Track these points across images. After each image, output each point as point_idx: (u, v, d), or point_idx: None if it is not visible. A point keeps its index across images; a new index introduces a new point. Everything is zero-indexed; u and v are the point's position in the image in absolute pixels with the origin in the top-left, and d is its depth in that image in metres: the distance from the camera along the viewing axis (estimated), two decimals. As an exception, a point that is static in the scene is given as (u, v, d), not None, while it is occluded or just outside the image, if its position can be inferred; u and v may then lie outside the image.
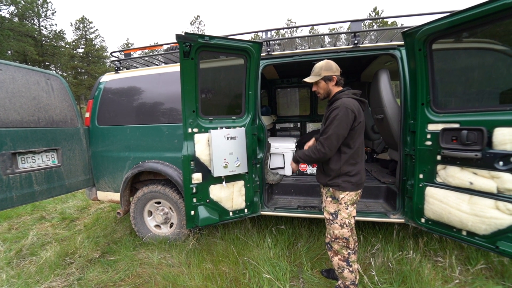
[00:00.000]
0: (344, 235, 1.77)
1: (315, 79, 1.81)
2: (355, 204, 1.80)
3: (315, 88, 1.86)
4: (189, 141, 2.14)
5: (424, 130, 1.97)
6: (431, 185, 1.98)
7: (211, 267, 2.30)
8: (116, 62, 3.06)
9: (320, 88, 1.83)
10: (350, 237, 1.78)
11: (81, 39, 30.75)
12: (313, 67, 1.84)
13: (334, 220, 1.79)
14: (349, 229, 1.77)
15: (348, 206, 1.76)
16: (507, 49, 1.71)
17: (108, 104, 2.91)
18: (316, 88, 1.85)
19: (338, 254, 1.82)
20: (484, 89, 1.93)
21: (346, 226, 1.77)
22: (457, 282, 2.00)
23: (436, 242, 2.45)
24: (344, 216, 1.76)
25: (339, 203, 1.77)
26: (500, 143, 1.64)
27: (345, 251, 1.80)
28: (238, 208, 2.34)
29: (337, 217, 1.78)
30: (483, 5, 1.58)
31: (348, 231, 1.77)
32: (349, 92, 1.76)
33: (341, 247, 1.80)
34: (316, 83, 1.83)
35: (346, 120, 1.63)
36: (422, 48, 1.91)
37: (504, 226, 1.63)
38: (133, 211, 2.85)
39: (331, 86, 1.80)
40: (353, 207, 1.78)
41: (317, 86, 1.84)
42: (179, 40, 1.95)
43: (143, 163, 2.71)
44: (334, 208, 1.79)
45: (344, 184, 1.74)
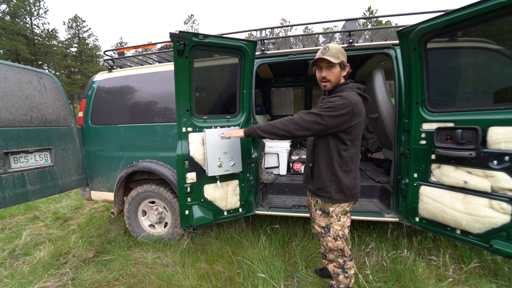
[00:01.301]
0: (339, 246, 1.62)
1: (335, 60, 1.44)
2: (349, 213, 1.61)
3: (326, 73, 1.50)
4: (183, 140, 2.13)
5: (419, 129, 1.97)
6: (425, 184, 1.98)
7: (206, 266, 2.29)
8: (110, 61, 3.03)
9: (333, 75, 1.50)
10: (345, 247, 1.64)
11: (74, 38, 30.49)
12: (326, 47, 1.48)
13: (327, 233, 1.62)
14: (344, 240, 1.62)
15: (341, 218, 1.57)
16: (501, 48, 1.71)
17: (101, 103, 2.88)
18: (327, 74, 1.50)
19: (333, 262, 1.72)
20: (478, 88, 1.93)
21: (340, 238, 1.60)
22: (450, 280, 2.00)
23: (430, 241, 2.46)
24: (337, 228, 1.58)
25: (330, 217, 1.58)
26: (494, 142, 1.65)
27: (340, 259, 1.68)
28: (232, 207, 2.33)
29: (329, 231, 1.61)
30: (478, 4, 1.58)
31: (342, 243, 1.62)
32: (354, 86, 1.52)
33: (336, 257, 1.68)
34: (331, 67, 1.49)
35: (343, 115, 1.38)
36: (416, 47, 1.90)
37: (498, 225, 1.64)
38: (127, 211, 2.82)
39: (341, 76, 1.53)
40: (346, 216, 1.59)
41: (329, 72, 1.49)
42: (173, 39, 1.93)
43: (137, 163, 2.69)
44: (325, 222, 1.62)
45: (336, 196, 1.52)
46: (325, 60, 1.48)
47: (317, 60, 1.50)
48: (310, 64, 1.58)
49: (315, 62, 1.52)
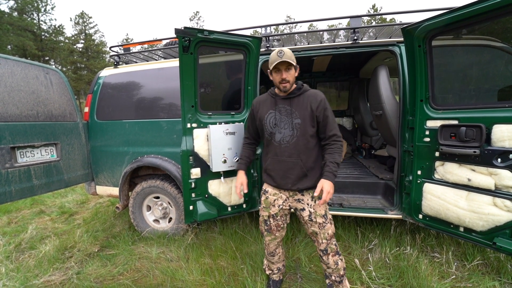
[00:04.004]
0: (333, 229, 1.68)
1: (294, 63, 1.55)
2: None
3: (286, 75, 1.56)
4: (188, 136, 2.14)
5: (423, 127, 1.97)
6: (429, 182, 1.98)
7: (210, 261, 2.32)
8: (115, 57, 3.05)
9: (291, 76, 1.58)
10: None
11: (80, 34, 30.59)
12: (282, 51, 1.54)
13: (326, 221, 1.64)
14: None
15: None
16: (505, 46, 1.71)
17: (107, 98, 2.91)
18: (286, 75, 1.56)
19: (332, 251, 1.68)
20: (483, 86, 1.93)
21: (331, 219, 1.69)
22: (453, 277, 2.01)
23: (433, 238, 2.46)
24: (328, 211, 1.69)
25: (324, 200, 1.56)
26: (498, 140, 1.65)
27: (335, 244, 1.71)
28: (236, 203, 2.35)
29: (327, 217, 1.66)
30: (482, 1, 1.57)
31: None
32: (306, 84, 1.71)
33: (334, 243, 1.68)
34: (289, 69, 1.57)
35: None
36: (421, 45, 1.90)
37: (502, 223, 1.65)
38: (132, 206, 2.86)
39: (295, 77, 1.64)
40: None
41: (288, 73, 1.57)
42: (178, 35, 1.94)
43: (142, 158, 2.72)
44: (324, 209, 1.65)
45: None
46: (286, 63, 1.55)
47: (278, 63, 1.55)
48: (270, 68, 1.61)
49: (275, 65, 1.57)
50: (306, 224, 1.69)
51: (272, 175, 1.68)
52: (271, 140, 1.65)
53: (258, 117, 1.71)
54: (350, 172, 3.15)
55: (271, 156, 1.66)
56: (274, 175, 1.66)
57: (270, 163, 1.67)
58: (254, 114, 1.76)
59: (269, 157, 1.68)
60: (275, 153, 1.64)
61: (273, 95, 1.70)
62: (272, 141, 1.64)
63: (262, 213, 1.79)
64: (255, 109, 1.75)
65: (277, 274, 1.96)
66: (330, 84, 5.01)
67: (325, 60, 3.79)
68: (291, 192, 1.68)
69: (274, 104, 1.66)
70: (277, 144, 1.62)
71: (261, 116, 1.69)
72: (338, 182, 2.83)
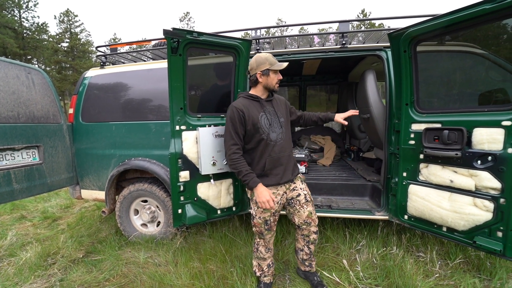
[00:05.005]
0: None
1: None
2: None
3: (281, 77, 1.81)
4: (176, 138, 2.12)
5: (408, 130, 2.03)
6: (414, 183, 2.04)
7: (199, 265, 2.29)
8: (102, 57, 2.98)
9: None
10: None
11: (65, 33, 29.65)
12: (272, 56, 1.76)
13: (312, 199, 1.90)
14: None
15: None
16: (485, 52, 1.79)
17: (93, 100, 2.83)
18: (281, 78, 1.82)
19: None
20: (464, 90, 2.01)
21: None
22: (437, 276, 2.07)
23: (418, 238, 2.53)
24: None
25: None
26: (478, 142, 1.71)
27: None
28: (226, 206, 2.33)
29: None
30: (464, 10, 1.64)
31: None
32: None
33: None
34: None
35: None
36: (407, 50, 1.96)
37: (481, 222, 1.71)
38: (118, 210, 2.79)
39: None
40: None
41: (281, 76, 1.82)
42: (167, 36, 1.92)
43: (129, 161, 2.66)
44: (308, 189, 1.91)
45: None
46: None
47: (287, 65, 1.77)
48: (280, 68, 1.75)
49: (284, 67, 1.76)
50: (302, 207, 1.80)
51: (274, 173, 1.73)
52: (266, 140, 1.69)
53: (250, 122, 1.68)
54: (339, 174, 3.19)
55: (268, 157, 1.70)
56: (277, 172, 1.73)
57: (269, 163, 1.70)
58: (244, 119, 1.68)
59: (265, 158, 1.70)
60: (273, 151, 1.71)
61: (256, 99, 1.77)
62: (268, 141, 1.70)
63: (262, 215, 1.77)
64: (245, 114, 1.68)
65: (268, 274, 1.96)
66: (320, 87, 5.08)
67: (314, 64, 3.84)
68: (287, 185, 1.80)
69: (262, 107, 1.75)
70: (273, 143, 1.71)
71: (254, 120, 1.69)
72: (327, 184, 2.86)
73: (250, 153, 1.75)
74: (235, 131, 1.69)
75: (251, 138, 1.71)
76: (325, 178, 3.05)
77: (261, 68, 1.71)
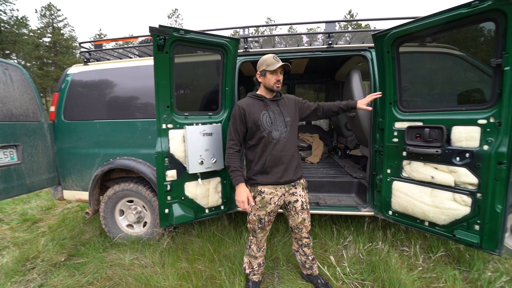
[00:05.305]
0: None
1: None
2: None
3: (280, 77, 1.77)
4: (163, 137, 2.08)
5: (392, 128, 2.09)
6: (397, 180, 2.10)
7: (187, 266, 2.26)
8: (86, 53, 2.88)
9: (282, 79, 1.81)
10: None
11: (47, 28, 28.36)
12: (276, 56, 1.76)
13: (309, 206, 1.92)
14: None
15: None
16: (463, 54, 1.87)
17: (76, 97, 2.73)
18: (280, 78, 1.77)
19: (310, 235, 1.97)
20: (444, 90, 2.09)
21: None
22: (420, 269, 2.14)
23: (402, 233, 2.61)
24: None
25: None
26: (457, 140, 1.79)
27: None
28: (214, 205, 2.32)
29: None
30: (442, 13, 1.71)
31: None
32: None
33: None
34: (281, 73, 1.78)
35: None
36: (390, 51, 2.01)
37: (460, 216, 1.79)
38: (103, 211, 2.71)
39: None
40: None
41: (281, 76, 1.78)
42: (152, 33, 1.89)
43: (114, 160, 2.59)
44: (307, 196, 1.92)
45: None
46: (282, 66, 1.73)
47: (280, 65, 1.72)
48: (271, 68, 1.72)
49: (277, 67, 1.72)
50: (297, 213, 1.83)
51: (274, 171, 1.74)
52: (268, 138, 1.72)
53: (251, 119, 1.73)
54: (327, 172, 3.24)
55: (268, 154, 1.72)
56: (277, 171, 1.74)
57: (269, 161, 1.72)
58: (245, 117, 1.74)
59: (266, 156, 1.73)
60: (274, 149, 1.73)
61: (260, 98, 1.80)
62: (270, 139, 1.72)
63: (257, 213, 1.78)
64: (246, 112, 1.74)
65: (257, 273, 1.96)
66: (308, 86, 5.14)
67: (302, 63, 3.88)
68: (287, 187, 1.80)
69: (265, 106, 1.78)
70: (275, 141, 1.73)
71: (255, 118, 1.73)
72: (315, 181, 2.90)
73: (253, 149, 1.79)
74: (235, 127, 1.78)
75: (253, 135, 1.76)
76: (313, 175, 3.09)
77: (259, 69, 1.78)
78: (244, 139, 1.83)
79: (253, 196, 1.79)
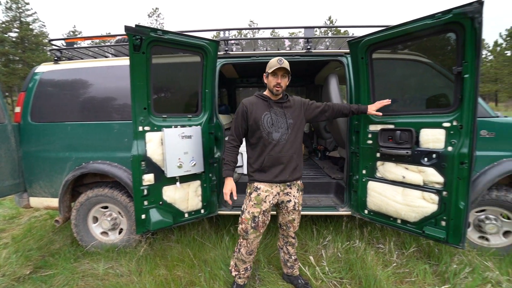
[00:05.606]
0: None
1: (288, 72, 1.77)
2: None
3: (281, 81, 1.74)
4: (139, 140, 2.01)
5: (366, 130, 2.19)
6: (372, 180, 2.20)
7: (165, 272, 2.19)
8: (57, 51, 2.72)
9: (284, 83, 1.78)
10: None
11: (14, 22, 26.34)
12: (281, 59, 1.72)
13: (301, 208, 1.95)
14: None
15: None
16: (430, 61, 2.01)
17: (44, 97, 2.57)
18: (281, 81, 1.75)
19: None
20: (413, 95, 2.23)
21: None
22: (394, 265, 2.24)
23: (378, 231, 2.72)
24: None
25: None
26: (425, 142, 1.91)
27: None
28: (194, 209, 2.28)
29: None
30: (410, 23, 1.83)
31: None
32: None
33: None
34: (284, 77, 1.77)
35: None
36: (364, 57, 2.11)
37: (429, 213, 1.90)
38: (75, 218, 2.55)
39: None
40: None
41: (283, 80, 1.76)
42: (128, 33, 1.83)
43: (87, 164, 2.46)
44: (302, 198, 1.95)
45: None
46: (283, 70, 1.73)
47: (277, 69, 1.72)
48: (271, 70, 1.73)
49: (274, 70, 1.73)
50: (288, 213, 1.89)
51: (270, 171, 1.78)
52: (267, 138, 1.76)
53: (252, 117, 1.77)
54: (307, 173, 3.31)
55: (267, 154, 1.76)
56: (274, 170, 1.78)
57: (268, 160, 1.76)
58: (247, 114, 1.79)
59: (265, 155, 1.77)
60: (273, 150, 1.76)
61: (265, 98, 1.83)
62: (269, 140, 1.76)
63: (252, 210, 1.78)
64: (249, 110, 1.78)
65: (243, 276, 1.94)
66: (289, 89, 5.23)
67: (283, 67, 3.94)
68: (282, 187, 1.83)
69: (268, 107, 1.80)
70: (275, 142, 1.76)
71: (257, 117, 1.76)
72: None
73: (254, 147, 1.84)
74: (236, 123, 1.85)
75: (253, 133, 1.80)
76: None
77: (266, 71, 1.82)
78: (246, 136, 1.88)
79: (249, 192, 1.82)
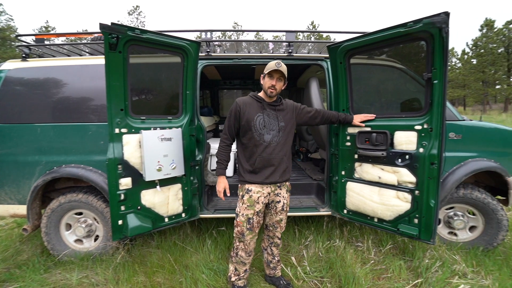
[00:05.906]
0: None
1: (285, 75, 1.77)
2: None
3: (276, 83, 1.76)
4: (115, 142, 1.94)
5: (345, 133, 2.26)
6: (351, 180, 2.27)
7: (144, 279, 2.12)
8: (25, 48, 2.55)
9: (279, 86, 1.79)
10: None
11: (-23, 14, 24.38)
12: (279, 62, 1.73)
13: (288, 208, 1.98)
14: None
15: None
16: (404, 67, 2.12)
17: (11, 97, 2.40)
18: (276, 83, 1.76)
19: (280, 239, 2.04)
20: (388, 99, 2.33)
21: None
22: (372, 262, 2.32)
23: (357, 229, 2.82)
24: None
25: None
26: (398, 143, 2.01)
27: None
28: (174, 213, 2.22)
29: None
30: (385, 30, 1.92)
31: None
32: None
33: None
34: (280, 80, 1.78)
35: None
36: (342, 62, 2.19)
37: (403, 212, 2.00)
38: (45, 226, 2.40)
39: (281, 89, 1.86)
40: None
41: (278, 83, 1.77)
42: (103, 31, 1.76)
43: (58, 168, 2.32)
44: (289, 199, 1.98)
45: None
46: (280, 72, 1.75)
47: (272, 71, 1.74)
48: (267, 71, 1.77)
49: (270, 72, 1.76)
50: (277, 213, 1.92)
51: (261, 172, 1.80)
52: (259, 140, 1.77)
53: (245, 117, 1.77)
54: (289, 175, 3.35)
55: (259, 155, 1.78)
56: (265, 171, 1.80)
57: (259, 162, 1.78)
58: (240, 114, 1.79)
59: (256, 157, 1.78)
60: (264, 151, 1.78)
61: (259, 100, 1.84)
62: (261, 141, 1.77)
63: (245, 212, 1.80)
64: (242, 110, 1.78)
65: (243, 278, 1.95)
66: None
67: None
68: (272, 187, 1.86)
69: (262, 108, 1.81)
70: (266, 144, 1.78)
71: (249, 118, 1.77)
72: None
73: (245, 148, 1.84)
74: (229, 122, 1.85)
75: (245, 133, 1.81)
76: (276, 179, 3.16)
77: (263, 72, 1.83)
78: (238, 136, 1.88)
79: (241, 195, 1.83)
